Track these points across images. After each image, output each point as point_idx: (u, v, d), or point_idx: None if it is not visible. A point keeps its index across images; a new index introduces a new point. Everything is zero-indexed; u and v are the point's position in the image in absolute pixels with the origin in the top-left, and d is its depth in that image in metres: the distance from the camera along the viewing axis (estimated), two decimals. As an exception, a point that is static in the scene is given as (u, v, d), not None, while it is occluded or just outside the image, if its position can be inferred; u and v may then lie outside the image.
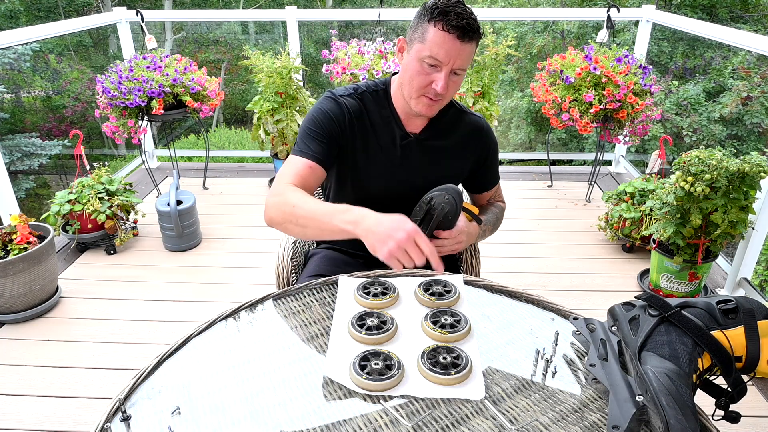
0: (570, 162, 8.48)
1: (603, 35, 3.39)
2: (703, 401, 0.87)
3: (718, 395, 0.87)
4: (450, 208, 1.22)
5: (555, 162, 7.25)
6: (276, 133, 3.36)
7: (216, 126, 11.85)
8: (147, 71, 3.08)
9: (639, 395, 0.81)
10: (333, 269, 1.42)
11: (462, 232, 1.31)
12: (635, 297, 0.96)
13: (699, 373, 0.85)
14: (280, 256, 1.53)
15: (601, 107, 2.96)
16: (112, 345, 2.16)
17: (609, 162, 4.03)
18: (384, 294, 1.08)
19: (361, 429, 0.81)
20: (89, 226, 2.74)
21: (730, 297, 0.90)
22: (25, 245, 2.23)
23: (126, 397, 0.86)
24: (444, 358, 0.91)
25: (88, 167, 2.97)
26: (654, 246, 2.41)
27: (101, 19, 3.77)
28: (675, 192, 2.21)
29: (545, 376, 0.93)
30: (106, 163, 2.95)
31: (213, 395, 0.87)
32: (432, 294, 1.09)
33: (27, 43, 7.58)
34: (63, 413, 1.83)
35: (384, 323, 1.00)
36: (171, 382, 0.90)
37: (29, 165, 7.43)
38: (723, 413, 0.86)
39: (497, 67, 3.32)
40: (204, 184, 3.72)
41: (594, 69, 2.97)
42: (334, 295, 1.12)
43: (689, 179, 2.13)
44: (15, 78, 9.01)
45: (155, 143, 4.13)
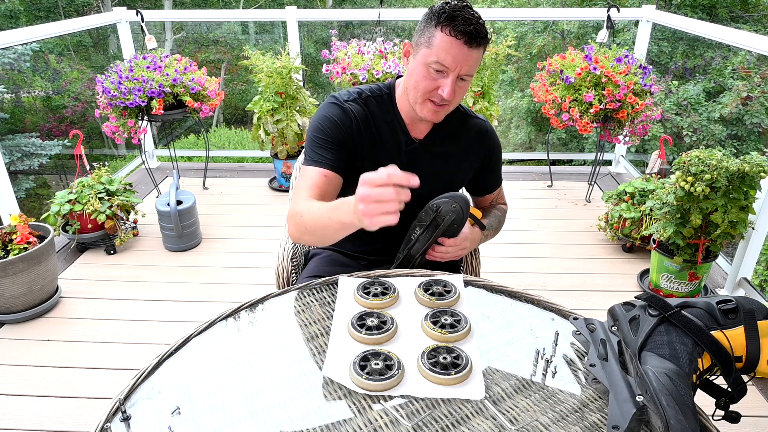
0: (570, 162, 8.47)
1: (603, 35, 3.39)
2: (703, 401, 0.87)
3: (718, 395, 0.87)
4: (456, 216, 1.22)
5: (555, 162, 7.24)
6: (276, 133, 3.36)
7: (216, 126, 11.84)
8: (147, 71, 3.08)
9: (639, 395, 0.81)
10: (333, 269, 1.42)
11: (466, 238, 1.31)
12: (635, 297, 0.96)
13: (699, 373, 0.85)
14: (280, 256, 1.53)
15: (601, 107, 2.96)
16: (112, 345, 2.16)
17: (609, 162, 4.03)
18: (384, 294, 1.08)
19: (361, 429, 0.81)
20: (89, 226, 2.74)
21: (730, 297, 0.90)
22: (25, 245, 2.23)
23: (126, 397, 0.86)
24: (444, 358, 0.91)
25: (88, 167, 2.97)
26: (654, 246, 2.41)
27: (101, 19, 3.77)
28: (675, 192, 2.21)
29: (545, 376, 0.93)
30: (106, 163, 2.95)
31: (213, 395, 0.87)
32: (432, 294, 1.09)
33: (27, 43, 7.58)
34: (63, 413, 1.83)
35: (384, 323, 1.00)
36: (171, 382, 0.90)
37: (29, 165, 7.43)
38: (723, 413, 0.86)
39: (497, 67, 3.33)
40: (204, 184, 3.72)
41: (594, 69, 2.97)
42: (334, 295, 1.12)
43: (689, 179, 2.13)
44: (15, 78, 9.00)
45: (155, 143, 4.13)
